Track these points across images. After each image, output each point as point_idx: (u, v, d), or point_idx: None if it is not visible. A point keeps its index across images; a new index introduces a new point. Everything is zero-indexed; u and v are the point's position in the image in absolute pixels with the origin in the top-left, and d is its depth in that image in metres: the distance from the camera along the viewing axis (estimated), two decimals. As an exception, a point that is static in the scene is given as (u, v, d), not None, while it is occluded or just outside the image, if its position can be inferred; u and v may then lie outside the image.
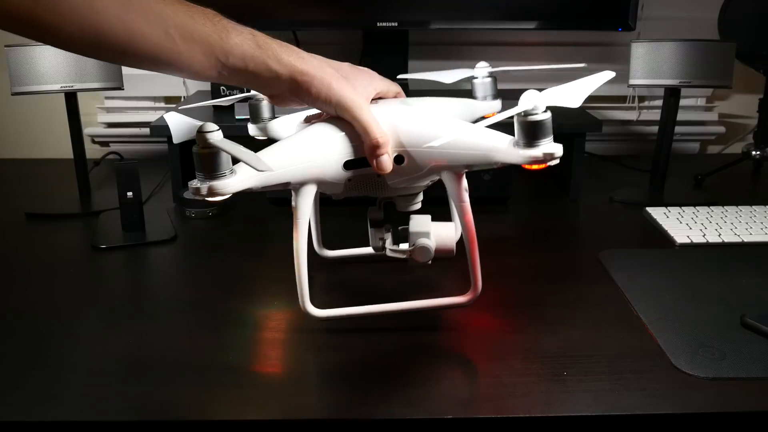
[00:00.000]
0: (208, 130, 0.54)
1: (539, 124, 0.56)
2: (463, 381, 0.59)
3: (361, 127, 0.60)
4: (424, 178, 0.64)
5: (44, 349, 0.64)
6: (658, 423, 0.55)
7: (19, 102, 1.32)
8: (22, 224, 0.98)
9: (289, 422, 0.54)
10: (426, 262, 0.66)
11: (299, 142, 0.61)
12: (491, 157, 0.59)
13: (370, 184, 0.64)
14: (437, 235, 0.67)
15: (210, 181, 0.55)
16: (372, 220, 0.70)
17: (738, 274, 0.79)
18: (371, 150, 0.60)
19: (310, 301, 0.65)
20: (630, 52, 1.01)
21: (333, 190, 0.64)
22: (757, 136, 1.19)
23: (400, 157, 0.61)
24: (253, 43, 0.58)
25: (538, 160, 0.57)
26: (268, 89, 0.62)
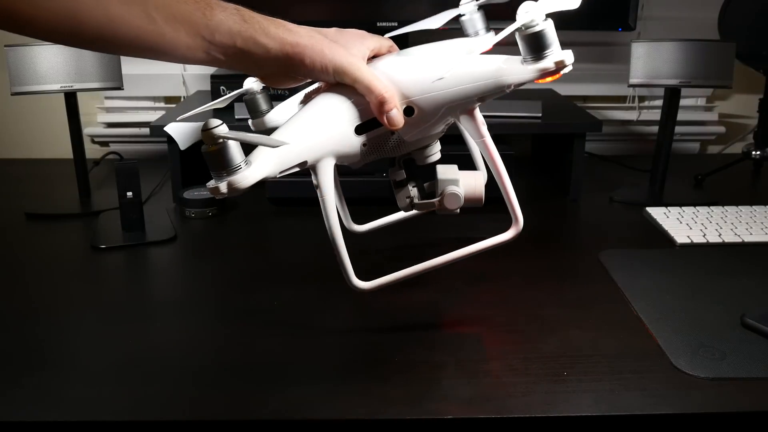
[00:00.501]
0: (213, 126, 0.53)
1: (541, 35, 0.55)
2: (463, 381, 0.59)
3: (363, 87, 0.58)
4: (438, 123, 0.62)
5: (44, 349, 0.64)
6: (658, 423, 0.55)
7: (19, 102, 1.32)
8: (22, 224, 0.98)
9: (289, 422, 0.54)
10: (455, 209, 0.65)
11: (305, 118, 0.60)
12: (502, 80, 0.58)
13: (386, 145, 0.63)
14: (465, 183, 0.66)
15: (227, 177, 0.54)
16: (395, 181, 0.69)
17: (738, 274, 0.79)
18: (378, 107, 0.58)
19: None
20: (630, 52, 1.01)
21: (350, 159, 0.63)
22: (757, 136, 1.19)
23: (410, 109, 0.60)
24: (239, 18, 0.55)
25: (549, 71, 0.56)
26: (260, 68, 0.59)
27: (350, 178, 0.80)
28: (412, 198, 0.68)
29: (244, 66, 0.58)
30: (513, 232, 0.65)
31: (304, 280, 0.79)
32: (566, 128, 1.04)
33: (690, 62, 0.97)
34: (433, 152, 0.67)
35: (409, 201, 0.68)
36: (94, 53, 0.96)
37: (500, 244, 0.65)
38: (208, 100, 1.14)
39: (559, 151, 1.14)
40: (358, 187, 0.86)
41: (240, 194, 0.55)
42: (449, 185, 0.65)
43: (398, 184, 0.69)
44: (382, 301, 0.73)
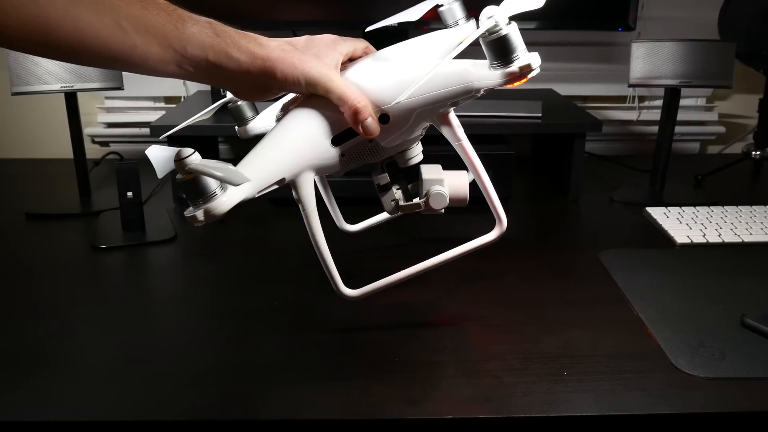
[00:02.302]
0: (184, 156, 0.53)
1: (506, 40, 0.55)
2: (463, 381, 0.59)
3: (335, 98, 0.58)
4: (414, 128, 0.62)
5: (44, 349, 0.64)
6: (658, 423, 0.55)
7: (19, 102, 1.32)
8: (22, 224, 0.98)
9: (289, 422, 0.54)
10: (441, 209, 0.66)
11: (279, 135, 0.60)
12: (470, 85, 0.58)
13: (365, 152, 0.63)
14: (450, 183, 0.66)
15: (203, 205, 0.55)
16: (379, 185, 0.69)
17: (738, 274, 0.79)
18: (353, 117, 0.58)
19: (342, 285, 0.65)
20: (630, 52, 1.01)
21: (330, 170, 0.63)
22: (757, 136, 1.19)
23: (385, 116, 0.60)
24: (211, 32, 0.55)
25: (515, 76, 0.56)
26: (233, 83, 0.59)
27: (344, 178, 0.80)
28: (397, 200, 0.68)
29: (216, 80, 0.58)
30: (497, 232, 0.65)
31: (303, 280, 0.79)
32: (566, 128, 1.04)
33: (690, 62, 0.97)
34: (414, 154, 0.67)
35: (395, 204, 0.69)
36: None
37: (485, 244, 0.66)
38: (208, 100, 1.15)
39: (559, 151, 1.14)
40: (353, 188, 0.86)
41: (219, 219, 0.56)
42: (434, 185, 0.66)
43: (382, 188, 0.69)
44: (382, 301, 0.73)
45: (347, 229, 0.81)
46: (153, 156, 0.59)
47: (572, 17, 1.15)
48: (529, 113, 1.04)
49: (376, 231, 0.82)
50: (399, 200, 0.68)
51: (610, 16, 1.13)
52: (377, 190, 0.69)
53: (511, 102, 1.06)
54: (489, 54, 0.56)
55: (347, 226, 0.81)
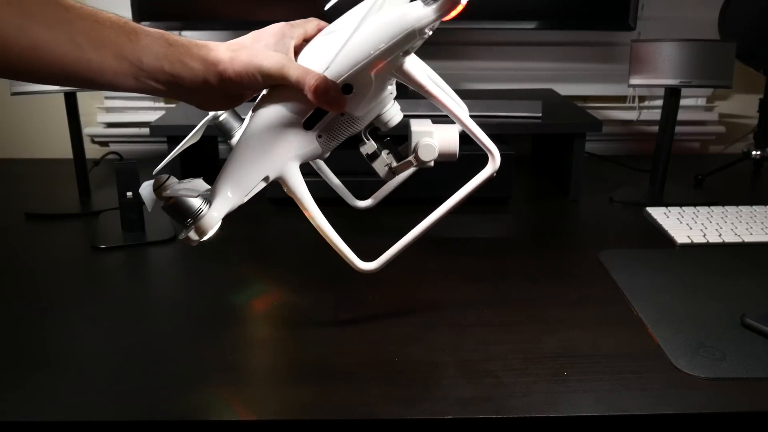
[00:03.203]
0: (161, 183, 0.54)
1: None
2: (463, 381, 0.59)
3: (293, 82, 0.57)
4: (379, 89, 0.62)
5: (44, 349, 0.64)
6: (658, 423, 0.54)
7: (19, 102, 1.32)
8: (22, 224, 0.98)
9: (289, 422, 0.54)
10: (430, 161, 0.65)
11: (251, 135, 0.60)
12: (410, 29, 0.56)
13: (341, 127, 0.62)
14: (439, 135, 0.65)
15: (193, 225, 0.55)
16: (368, 154, 0.68)
17: (738, 274, 0.79)
18: (315, 97, 0.57)
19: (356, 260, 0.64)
20: (630, 52, 1.01)
21: (312, 155, 0.62)
22: (758, 136, 1.19)
23: (348, 86, 0.59)
24: (164, 42, 0.55)
25: (447, 5, 0.55)
26: (195, 94, 0.58)
27: (352, 178, 0.80)
28: (389, 164, 0.68)
29: (177, 92, 0.58)
30: (491, 167, 0.63)
31: (303, 280, 0.79)
32: (566, 128, 1.04)
33: (690, 62, 0.97)
34: (392, 114, 0.66)
35: (388, 167, 0.68)
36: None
37: (483, 182, 0.64)
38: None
39: (559, 151, 1.14)
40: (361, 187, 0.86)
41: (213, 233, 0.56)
42: (423, 137, 0.65)
43: (372, 157, 0.68)
44: (382, 301, 0.73)
45: (359, 206, 0.80)
46: (144, 192, 0.60)
47: (572, 17, 1.15)
48: (529, 113, 1.04)
49: (376, 231, 0.82)
50: (391, 163, 0.68)
51: (610, 16, 1.13)
52: (367, 161, 0.69)
53: (511, 102, 1.06)
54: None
55: (359, 203, 0.80)
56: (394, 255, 0.65)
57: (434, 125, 0.66)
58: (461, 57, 1.33)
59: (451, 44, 1.32)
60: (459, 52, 1.33)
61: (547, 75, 1.35)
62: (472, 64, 1.34)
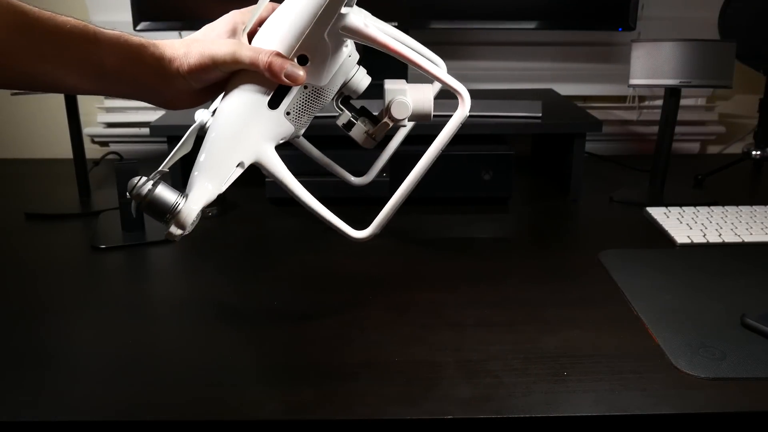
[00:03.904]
0: (133, 185, 0.56)
1: None
2: (463, 381, 0.59)
3: (248, 64, 0.58)
4: (335, 55, 0.61)
5: (44, 349, 0.64)
6: (658, 423, 0.55)
7: (19, 102, 1.32)
8: (22, 224, 0.98)
9: (289, 422, 0.54)
10: (404, 118, 0.65)
11: (219, 124, 0.60)
12: None
13: (308, 101, 0.62)
14: (413, 94, 0.65)
15: (173, 220, 0.55)
16: (344, 125, 0.68)
17: (738, 274, 0.79)
18: (272, 73, 0.57)
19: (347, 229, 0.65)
20: (630, 52, 1.01)
21: (285, 134, 0.62)
22: (758, 136, 1.20)
23: (303, 57, 0.59)
24: (123, 43, 0.55)
25: None
26: (159, 95, 0.59)
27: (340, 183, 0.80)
28: (367, 130, 0.68)
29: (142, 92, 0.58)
30: (462, 102, 0.62)
31: (303, 280, 0.79)
32: (566, 128, 1.04)
33: (690, 62, 0.97)
34: (359, 78, 0.65)
35: (366, 134, 0.68)
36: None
37: (459, 123, 0.62)
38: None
39: (559, 151, 1.14)
40: (356, 188, 0.86)
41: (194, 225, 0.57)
42: (396, 95, 0.65)
43: (348, 126, 0.68)
44: (382, 301, 0.73)
45: (356, 183, 0.80)
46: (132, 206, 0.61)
47: (572, 17, 1.15)
48: (529, 113, 1.04)
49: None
50: (369, 129, 0.68)
51: (610, 16, 1.14)
52: (344, 131, 0.69)
53: (511, 102, 1.06)
54: None
55: (356, 180, 0.80)
56: (383, 220, 0.65)
57: (408, 84, 0.66)
58: (461, 57, 1.33)
59: (451, 44, 1.32)
60: (459, 52, 1.33)
61: (547, 75, 1.35)
62: (472, 64, 1.34)
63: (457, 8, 1.13)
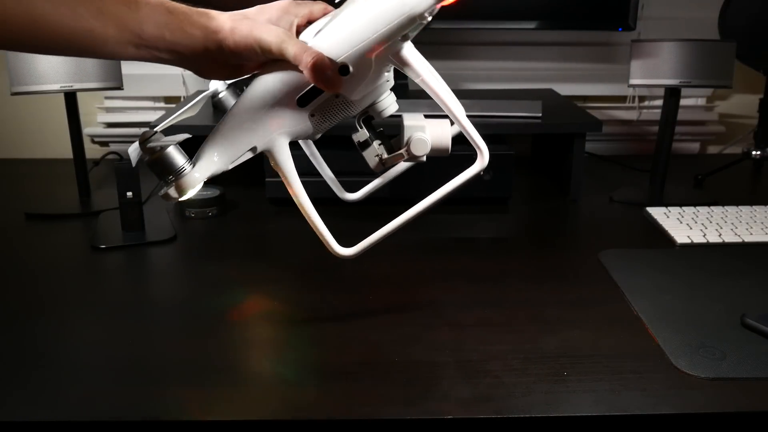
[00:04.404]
0: (148, 136, 0.54)
1: None
2: (463, 381, 0.59)
3: (291, 57, 0.57)
4: (376, 74, 0.61)
5: (44, 349, 0.64)
6: (658, 423, 0.54)
7: (19, 102, 1.33)
8: (22, 224, 0.98)
9: (289, 422, 0.54)
10: (423, 156, 0.65)
11: (243, 104, 0.60)
12: (409, 13, 0.56)
13: (334, 109, 0.62)
14: (432, 130, 0.65)
15: (174, 182, 0.55)
16: (359, 142, 0.68)
17: (738, 274, 0.79)
18: (312, 74, 0.57)
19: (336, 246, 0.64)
20: (630, 52, 1.01)
21: (303, 133, 0.62)
22: (758, 136, 1.20)
23: (345, 67, 0.59)
24: (164, 10, 0.55)
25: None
26: (192, 60, 0.58)
27: (351, 178, 0.80)
28: (380, 155, 0.68)
29: (176, 59, 0.58)
30: (479, 163, 0.63)
31: (303, 280, 0.79)
32: (566, 128, 1.04)
33: (690, 62, 0.97)
34: (387, 104, 0.66)
35: (378, 158, 0.68)
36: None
37: (470, 178, 0.63)
38: (208, 99, 1.15)
39: (559, 151, 1.14)
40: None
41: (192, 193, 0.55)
42: (416, 132, 0.65)
43: (363, 145, 0.68)
44: (382, 301, 0.73)
45: (348, 198, 0.80)
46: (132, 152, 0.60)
47: (572, 17, 1.15)
48: (529, 113, 1.04)
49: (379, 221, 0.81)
50: (382, 154, 0.67)
51: (610, 16, 1.14)
52: (358, 149, 0.68)
53: (511, 102, 1.06)
54: None
55: (348, 196, 0.80)
56: (372, 243, 0.65)
57: (427, 119, 0.66)
58: (461, 57, 1.33)
59: (451, 44, 1.32)
60: (459, 52, 1.33)
61: (547, 75, 1.35)
62: (472, 64, 1.34)
63: (457, 8, 1.13)
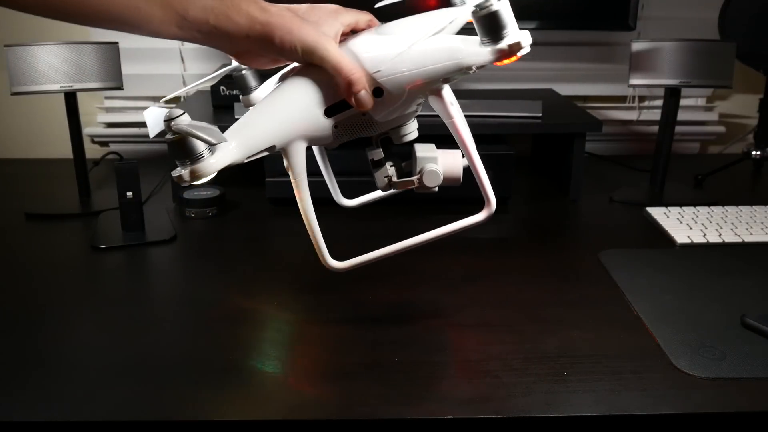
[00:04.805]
0: (173, 116, 0.53)
1: (495, 16, 0.54)
2: (463, 381, 0.59)
3: (330, 67, 0.57)
4: (408, 103, 0.62)
5: (44, 349, 0.64)
6: (658, 423, 0.55)
7: (19, 102, 1.32)
8: (22, 224, 0.98)
9: (289, 422, 0.54)
10: (434, 188, 0.66)
11: (272, 102, 0.60)
12: (460, 62, 0.57)
13: (358, 125, 0.62)
14: (444, 161, 0.65)
15: (190, 166, 0.55)
16: (373, 160, 0.68)
17: (738, 274, 0.79)
18: (346, 89, 0.57)
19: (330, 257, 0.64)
20: (630, 52, 1.01)
21: (323, 141, 0.62)
22: (757, 136, 1.20)
23: (379, 90, 0.59)
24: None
25: (504, 53, 0.55)
26: (232, 45, 0.59)
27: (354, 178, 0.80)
28: (390, 177, 0.68)
29: (216, 42, 0.58)
30: (485, 213, 0.64)
31: (303, 280, 0.79)
32: (566, 128, 1.04)
33: (690, 62, 0.97)
34: (409, 131, 0.66)
35: (387, 180, 0.68)
36: (95, 54, 0.96)
37: (473, 225, 0.64)
38: (208, 99, 1.15)
39: (559, 151, 1.14)
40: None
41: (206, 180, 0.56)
42: (428, 163, 0.65)
43: (376, 164, 0.68)
44: (382, 301, 0.73)
45: (344, 204, 0.80)
46: (149, 116, 0.59)
47: (572, 17, 1.15)
48: (529, 113, 1.04)
49: (376, 221, 0.81)
50: (392, 177, 0.68)
51: (610, 16, 1.14)
52: (370, 166, 0.68)
53: (511, 102, 1.06)
54: (479, 30, 0.55)
55: (345, 201, 0.80)
56: (365, 262, 0.65)
57: (439, 150, 0.66)
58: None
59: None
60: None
61: (547, 75, 1.35)
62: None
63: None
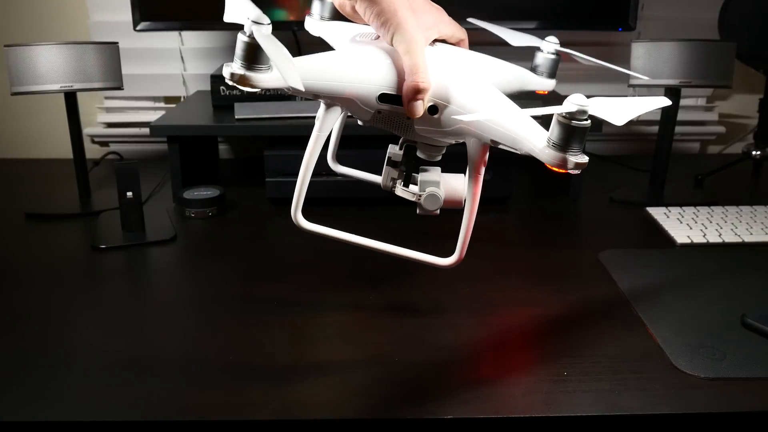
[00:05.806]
0: (259, 21, 0.53)
1: (577, 131, 0.53)
2: (463, 381, 0.59)
3: (408, 66, 0.58)
4: (451, 136, 0.63)
5: (44, 349, 0.64)
6: (658, 423, 0.55)
7: (19, 102, 1.33)
8: (22, 224, 0.98)
9: (289, 422, 0.54)
10: (434, 210, 0.67)
11: (344, 58, 0.60)
12: (520, 143, 0.58)
13: (397, 123, 0.63)
14: (447, 186, 0.66)
15: (245, 71, 0.54)
16: (390, 158, 0.69)
17: (738, 274, 0.79)
18: (410, 91, 0.58)
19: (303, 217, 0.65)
20: (630, 52, 1.01)
21: (361, 116, 0.63)
22: (757, 136, 1.20)
23: (434, 108, 0.60)
24: None
25: (564, 166, 0.54)
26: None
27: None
28: (395, 180, 0.69)
29: None
30: (451, 261, 0.67)
31: (303, 280, 0.79)
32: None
33: (690, 62, 0.97)
34: (436, 154, 0.67)
35: (392, 183, 0.69)
36: (95, 54, 0.96)
37: (434, 265, 0.67)
38: (208, 99, 1.15)
39: (559, 151, 1.14)
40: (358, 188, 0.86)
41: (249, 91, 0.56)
42: (430, 186, 0.66)
43: (391, 163, 0.69)
44: (382, 301, 0.73)
45: (333, 168, 0.81)
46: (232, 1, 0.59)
47: (572, 17, 1.15)
48: (529, 113, 1.04)
49: (381, 221, 0.81)
50: (396, 181, 0.69)
51: (610, 16, 1.14)
52: (385, 160, 0.69)
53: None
54: (555, 132, 0.54)
55: (338, 166, 0.80)
56: (328, 235, 0.66)
57: (443, 174, 0.68)
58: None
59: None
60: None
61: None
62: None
63: (457, 8, 1.13)
